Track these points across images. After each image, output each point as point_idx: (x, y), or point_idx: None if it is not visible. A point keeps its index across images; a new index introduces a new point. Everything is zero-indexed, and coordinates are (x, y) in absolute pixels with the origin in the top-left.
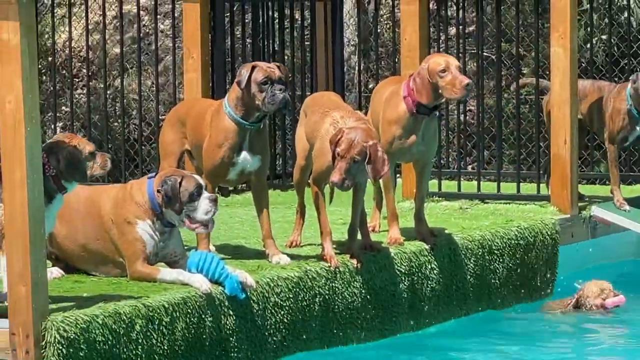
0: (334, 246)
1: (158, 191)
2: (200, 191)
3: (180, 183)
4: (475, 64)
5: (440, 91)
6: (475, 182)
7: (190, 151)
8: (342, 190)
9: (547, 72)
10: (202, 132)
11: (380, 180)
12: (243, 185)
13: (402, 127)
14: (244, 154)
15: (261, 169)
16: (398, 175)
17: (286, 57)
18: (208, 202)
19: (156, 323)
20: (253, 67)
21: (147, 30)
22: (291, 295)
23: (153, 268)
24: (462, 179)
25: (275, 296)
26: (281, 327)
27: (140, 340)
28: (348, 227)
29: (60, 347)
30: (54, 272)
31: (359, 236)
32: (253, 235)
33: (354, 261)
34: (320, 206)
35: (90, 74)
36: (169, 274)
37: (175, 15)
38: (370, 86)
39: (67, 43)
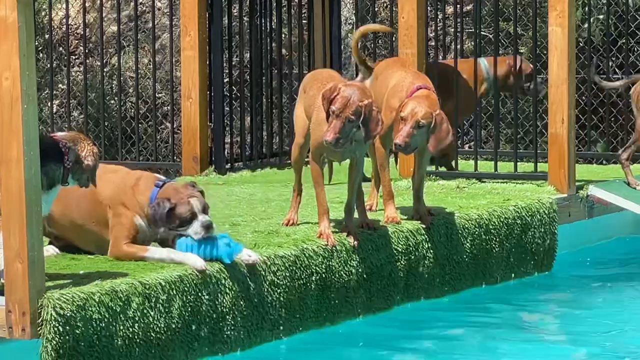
0: (331, 224)
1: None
2: (194, 217)
3: (172, 209)
4: (472, 43)
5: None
6: (472, 161)
7: None
8: (336, 148)
9: (545, 52)
10: None
11: (376, 160)
12: (239, 163)
13: None
14: None
15: None
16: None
17: (283, 36)
18: (200, 227)
19: (153, 301)
20: None
21: (144, 8)
22: (288, 274)
23: (140, 247)
24: (459, 158)
25: (271, 274)
26: (277, 305)
27: (136, 318)
28: (344, 204)
29: (57, 325)
30: (49, 250)
31: (356, 214)
32: (250, 213)
33: (351, 239)
34: (319, 183)
35: (87, 51)
36: (159, 253)
37: None
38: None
39: (64, 20)
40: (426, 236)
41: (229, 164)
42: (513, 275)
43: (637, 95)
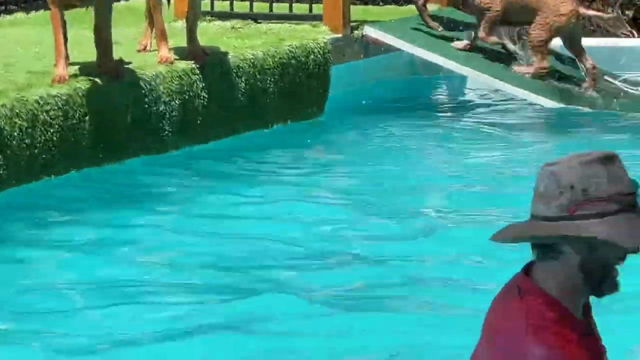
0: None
1: None
2: None
3: None
4: None
5: None
6: (247, 2)
7: None
8: None
9: None
10: None
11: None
12: (13, 5)
13: None
14: None
15: None
16: None
17: None
18: None
19: None
20: None
21: None
22: (61, 114)
23: None
24: None
25: (44, 114)
26: (51, 145)
27: None
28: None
29: None
30: None
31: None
32: (24, 54)
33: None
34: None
35: None
36: None
37: None
38: None
39: None
40: (200, 76)
41: (3, 6)
42: (288, 115)
43: None
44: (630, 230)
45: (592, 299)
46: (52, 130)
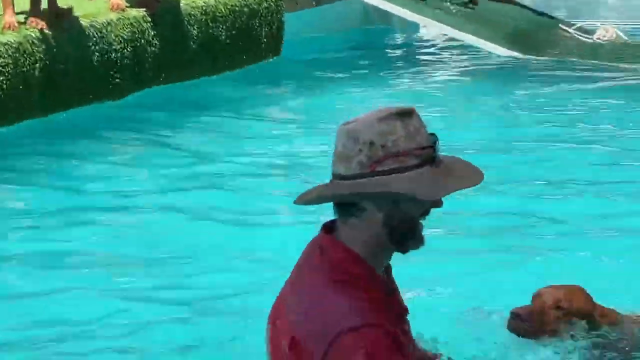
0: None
1: None
2: None
3: None
4: None
5: None
6: None
7: None
8: None
9: None
10: None
11: None
12: None
13: None
14: None
15: None
16: None
17: None
18: None
19: None
20: None
21: None
22: (11, 61)
23: None
24: None
25: None
26: (1, 93)
27: None
28: None
29: None
30: None
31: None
32: None
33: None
34: None
35: None
36: None
37: None
38: None
39: None
40: (152, 23)
41: None
42: (241, 62)
43: None
44: (430, 183)
45: None
46: (2, 78)
